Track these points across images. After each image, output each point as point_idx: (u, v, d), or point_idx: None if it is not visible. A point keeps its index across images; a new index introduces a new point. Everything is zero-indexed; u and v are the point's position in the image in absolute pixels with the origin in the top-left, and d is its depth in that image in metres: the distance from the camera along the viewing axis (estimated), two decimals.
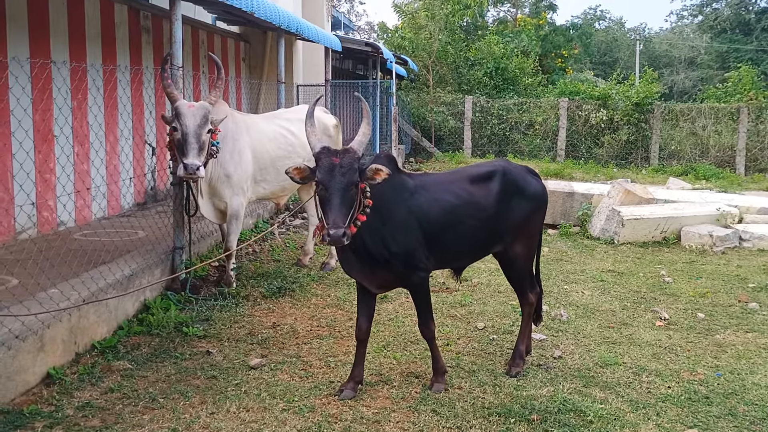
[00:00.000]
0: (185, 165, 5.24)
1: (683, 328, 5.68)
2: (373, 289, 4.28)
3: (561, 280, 7.11)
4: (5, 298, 4.40)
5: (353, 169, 3.67)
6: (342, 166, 3.66)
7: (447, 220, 4.21)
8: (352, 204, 3.68)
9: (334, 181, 3.64)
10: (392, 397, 4.23)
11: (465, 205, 4.28)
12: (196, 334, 5.20)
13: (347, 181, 3.64)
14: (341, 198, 3.62)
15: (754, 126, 18.19)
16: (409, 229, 4.06)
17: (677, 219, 9.06)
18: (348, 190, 3.64)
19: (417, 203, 4.12)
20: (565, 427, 3.88)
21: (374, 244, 3.98)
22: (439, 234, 4.19)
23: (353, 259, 4.07)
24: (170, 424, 3.81)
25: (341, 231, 3.56)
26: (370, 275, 4.12)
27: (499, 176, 4.45)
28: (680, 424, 3.99)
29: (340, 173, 3.64)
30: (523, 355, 4.69)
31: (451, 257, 4.45)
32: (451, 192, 4.29)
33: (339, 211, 3.60)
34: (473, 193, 4.35)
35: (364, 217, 3.82)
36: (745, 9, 40.96)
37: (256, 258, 7.47)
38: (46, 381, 4.26)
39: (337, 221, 3.58)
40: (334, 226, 3.57)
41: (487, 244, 4.52)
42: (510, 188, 4.45)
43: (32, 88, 6.51)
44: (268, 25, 9.22)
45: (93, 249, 6.02)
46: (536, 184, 4.63)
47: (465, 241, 4.36)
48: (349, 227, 3.66)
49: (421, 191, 4.18)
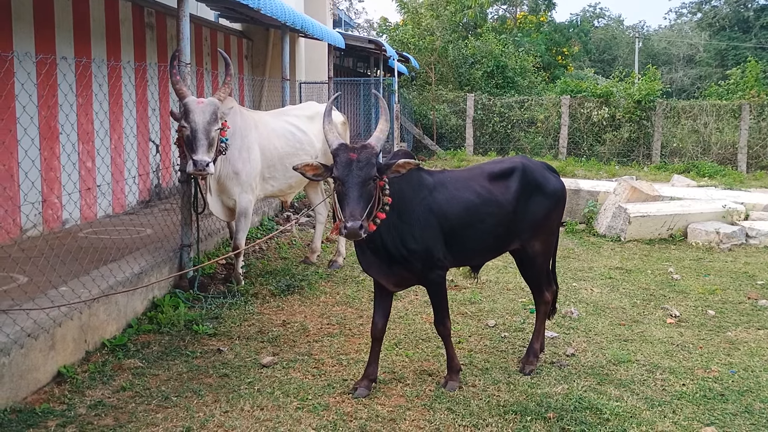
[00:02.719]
0: (195, 161, 5.21)
1: (694, 326, 5.66)
2: (391, 287, 4.25)
3: (569, 278, 7.08)
4: (17, 296, 4.35)
5: (371, 164, 3.65)
6: (359, 161, 3.64)
7: (466, 218, 4.18)
8: (369, 199, 3.65)
9: (351, 176, 3.62)
10: (406, 395, 4.20)
11: (484, 202, 4.25)
12: (206, 332, 5.17)
13: (364, 176, 3.62)
14: (359, 192, 3.60)
15: (756, 123, 18.17)
16: (428, 226, 4.03)
17: (684, 216, 9.04)
18: (365, 184, 3.62)
19: (436, 200, 4.10)
20: (582, 424, 3.85)
21: (392, 242, 3.96)
22: (458, 231, 4.16)
23: (372, 258, 4.05)
24: (184, 423, 3.78)
25: (358, 223, 3.53)
26: (389, 273, 4.10)
27: (519, 173, 4.41)
28: (697, 422, 3.96)
29: (357, 168, 3.62)
30: (537, 353, 4.66)
31: (470, 255, 4.42)
32: (470, 189, 4.25)
33: (357, 204, 3.58)
34: (492, 191, 4.32)
35: (383, 214, 3.79)
36: (743, 6, 40.98)
37: (264, 255, 7.44)
38: (57, 379, 4.23)
39: (354, 213, 3.56)
40: (351, 218, 3.54)
41: (505, 242, 4.49)
42: (529, 185, 4.42)
43: (37, 85, 6.46)
44: (273, 22, 9.18)
45: (102, 246, 6.00)
46: (555, 181, 4.59)
47: (484, 238, 4.32)
48: (368, 222, 3.63)
49: (440, 188, 4.16)
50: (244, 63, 12.75)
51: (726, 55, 39.11)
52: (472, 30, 25.50)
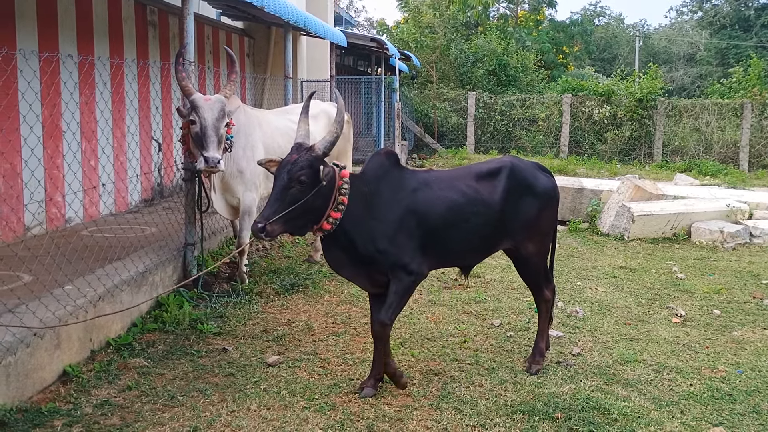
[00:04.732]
0: (206, 158, 5.18)
1: (700, 325, 5.64)
2: (367, 288, 4.21)
3: (573, 277, 7.07)
4: (23, 295, 4.34)
5: (305, 168, 3.69)
6: (293, 163, 3.70)
7: (450, 218, 4.13)
8: (293, 201, 3.68)
9: (279, 178, 3.72)
10: (413, 395, 4.19)
11: (470, 201, 4.20)
12: (211, 331, 5.15)
13: (288, 178, 3.68)
14: (277, 194, 3.69)
15: (758, 122, 18.16)
16: (403, 226, 3.98)
17: (687, 215, 9.02)
18: (287, 187, 3.68)
19: (418, 200, 4.05)
20: (590, 425, 3.84)
21: (362, 241, 3.93)
22: (441, 232, 4.11)
23: (342, 256, 4.02)
24: (191, 423, 3.76)
25: (258, 225, 3.62)
26: (360, 273, 4.06)
27: (506, 173, 4.36)
28: (705, 422, 3.95)
29: (286, 170, 3.70)
30: (543, 353, 4.65)
31: (456, 256, 4.38)
32: (455, 189, 4.20)
33: (270, 206, 3.67)
34: (479, 190, 4.27)
35: (338, 213, 3.82)
36: (744, 5, 40.95)
37: (267, 254, 7.42)
38: (62, 378, 4.21)
39: (264, 214, 3.66)
40: (258, 219, 3.65)
41: (493, 242, 4.44)
42: (518, 185, 4.36)
43: (41, 83, 6.44)
44: (276, 20, 9.16)
45: (107, 245, 5.97)
46: (546, 180, 4.54)
47: (470, 239, 4.27)
48: (278, 225, 3.67)
49: (423, 188, 4.11)
50: (246, 61, 12.72)
51: (726, 53, 39.08)
52: (473, 28, 25.49)
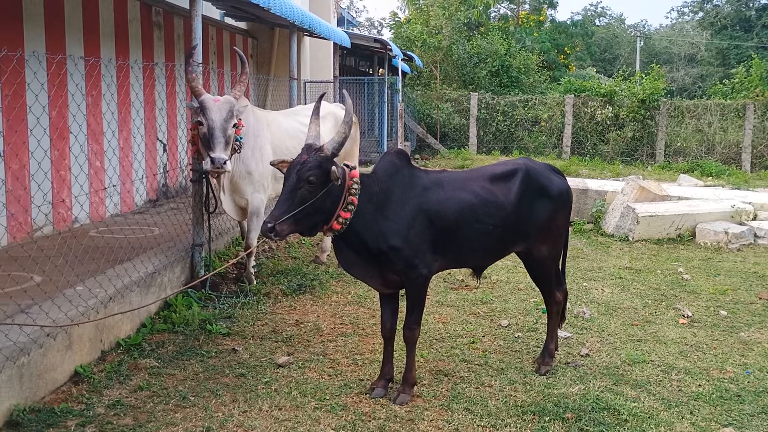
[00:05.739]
0: (213, 159, 5.20)
1: (707, 326, 5.66)
2: (379, 288, 4.22)
3: (579, 278, 7.08)
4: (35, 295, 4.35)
5: (313, 168, 3.71)
6: (303, 164, 3.72)
7: (463, 219, 4.14)
8: (302, 201, 3.69)
9: (289, 178, 3.74)
10: (423, 396, 4.20)
11: (483, 203, 4.21)
12: (220, 331, 5.17)
13: (298, 179, 3.70)
14: (287, 194, 3.71)
15: (760, 123, 18.16)
16: (414, 225, 3.99)
17: (692, 216, 9.04)
18: (297, 188, 3.69)
19: (430, 199, 4.06)
20: (600, 425, 3.85)
21: (372, 238, 3.93)
22: (454, 232, 4.13)
23: (352, 256, 4.03)
24: (203, 423, 3.78)
25: (268, 225, 3.64)
26: (371, 273, 4.07)
27: (521, 175, 4.37)
28: (714, 423, 3.97)
29: (296, 171, 3.72)
30: (552, 354, 4.66)
31: (468, 256, 4.38)
32: (468, 190, 4.21)
33: (280, 206, 3.69)
34: (493, 191, 4.28)
35: (348, 214, 3.84)
36: (745, 6, 40.96)
37: (274, 255, 7.44)
38: (74, 379, 4.23)
39: (274, 214, 3.68)
40: (267, 219, 3.67)
41: (507, 244, 4.45)
42: (532, 187, 4.38)
43: (49, 84, 6.46)
44: (281, 21, 9.17)
45: (117, 246, 6.00)
46: (560, 182, 4.56)
47: (483, 240, 4.27)
48: (288, 225, 3.68)
49: (435, 188, 4.12)
50: (250, 62, 12.72)
51: (727, 54, 39.08)
52: (475, 29, 25.50)
